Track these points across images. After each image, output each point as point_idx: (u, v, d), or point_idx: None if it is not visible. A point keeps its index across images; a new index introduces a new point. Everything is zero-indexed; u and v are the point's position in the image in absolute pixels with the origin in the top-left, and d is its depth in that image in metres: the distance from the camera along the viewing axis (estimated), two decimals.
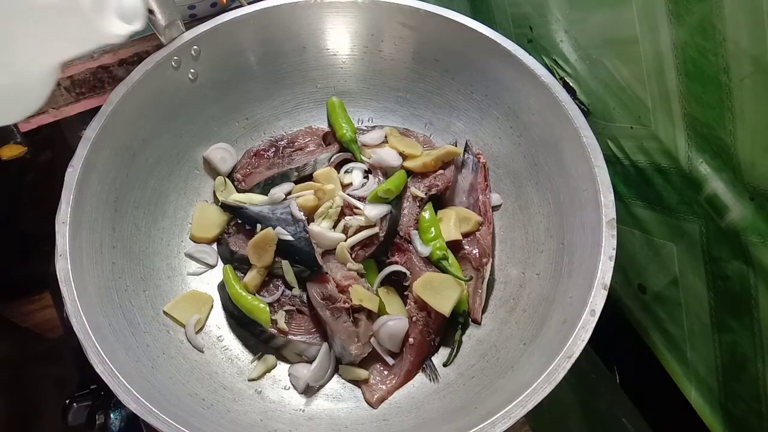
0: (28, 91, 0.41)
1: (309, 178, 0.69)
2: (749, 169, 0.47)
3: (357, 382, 0.60)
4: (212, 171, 0.70)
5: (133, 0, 0.39)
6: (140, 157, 0.63)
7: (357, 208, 0.64)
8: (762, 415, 0.54)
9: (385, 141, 0.71)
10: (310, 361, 0.60)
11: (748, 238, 0.50)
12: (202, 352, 0.59)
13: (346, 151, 0.71)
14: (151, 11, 0.59)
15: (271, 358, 0.61)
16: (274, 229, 0.61)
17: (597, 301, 0.50)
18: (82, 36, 0.39)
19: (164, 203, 0.66)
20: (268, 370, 0.60)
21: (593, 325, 0.49)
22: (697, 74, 0.48)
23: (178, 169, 0.68)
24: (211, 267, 0.66)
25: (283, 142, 0.72)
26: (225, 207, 0.67)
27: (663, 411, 0.68)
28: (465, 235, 0.66)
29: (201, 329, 0.61)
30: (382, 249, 0.65)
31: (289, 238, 0.61)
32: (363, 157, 0.70)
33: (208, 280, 0.65)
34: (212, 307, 0.63)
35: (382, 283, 0.64)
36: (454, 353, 0.61)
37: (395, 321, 0.60)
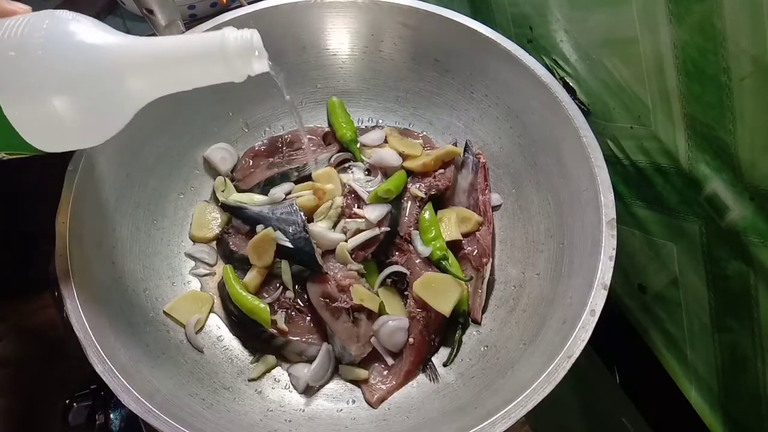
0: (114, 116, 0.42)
1: (309, 178, 0.69)
2: (749, 169, 0.47)
3: (357, 382, 0.60)
4: (212, 171, 0.70)
5: (260, 44, 0.41)
6: (140, 157, 0.63)
7: (362, 200, 0.65)
8: (762, 415, 0.54)
9: (385, 141, 0.71)
10: (310, 361, 0.60)
11: (748, 238, 0.50)
12: (202, 352, 0.59)
13: (346, 151, 0.71)
14: (151, 11, 0.59)
15: (271, 358, 0.61)
16: (274, 230, 0.61)
17: (597, 301, 0.50)
18: (214, 75, 0.41)
19: (164, 203, 0.66)
20: (268, 370, 0.60)
21: (593, 325, 0.49)
22: (697, 74, 0.48)
23: (178, 169, 0.68)
24: (211, 267, 0.66)
25: (283, 142, 0.72)
26: (225, 207, 0.67)
27: (663, 411, 0.68)
28: (465, 235, 0.66)
29: (201, 329, 0.61)
30: (382, 249, 0.65)
31: (289, 238, 0.61)
32: (363, 157, 0.70)
33: (208, 280, 0.65)
34: (212, 307, 0.63)
35: (382, 283, 0.64)
36: (454, 353, 0.61)
37: (395, 321, 0.60)
